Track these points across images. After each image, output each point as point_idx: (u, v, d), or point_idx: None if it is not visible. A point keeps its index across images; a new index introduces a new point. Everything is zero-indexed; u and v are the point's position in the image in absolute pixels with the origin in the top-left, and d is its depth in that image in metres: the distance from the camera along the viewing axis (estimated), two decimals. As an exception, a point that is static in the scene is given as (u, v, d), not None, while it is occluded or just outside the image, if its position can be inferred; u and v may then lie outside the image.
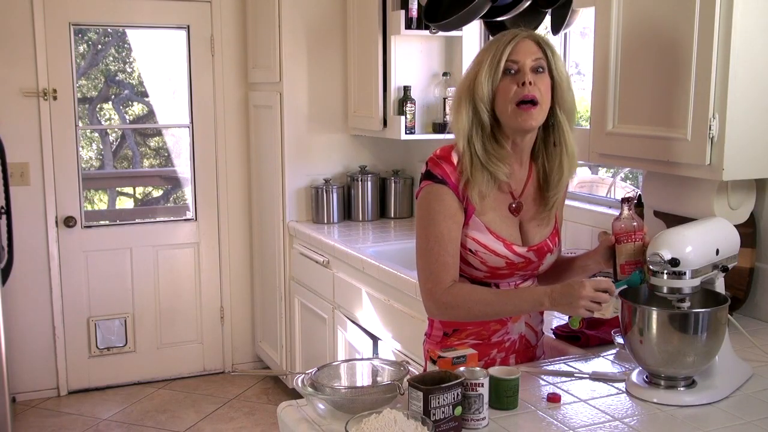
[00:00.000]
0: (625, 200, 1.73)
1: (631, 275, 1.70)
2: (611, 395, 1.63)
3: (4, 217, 3.57)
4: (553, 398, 1.58)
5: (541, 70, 1.70)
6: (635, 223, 1.70)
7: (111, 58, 4.62)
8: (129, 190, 5.32)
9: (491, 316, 1.78)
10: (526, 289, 1.74)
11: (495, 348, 1.85)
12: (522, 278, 1.85)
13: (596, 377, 1.72)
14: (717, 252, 1.62)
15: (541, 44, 1.71)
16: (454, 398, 1.39)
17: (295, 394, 3.73)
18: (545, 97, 1.70)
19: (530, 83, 1.67)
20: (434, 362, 1.52)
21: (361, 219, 4.00)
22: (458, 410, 1.40)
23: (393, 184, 4.04)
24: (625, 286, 1.69)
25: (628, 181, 3.27)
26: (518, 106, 1.68)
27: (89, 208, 4.83)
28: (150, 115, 4.72)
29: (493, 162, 1.73)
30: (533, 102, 1.68)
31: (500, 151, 1.74)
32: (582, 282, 1.62)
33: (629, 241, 1.70)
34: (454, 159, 1.75)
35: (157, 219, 4.56)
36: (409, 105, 3.53)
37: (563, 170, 1.78)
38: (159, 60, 4.49)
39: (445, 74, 3.62)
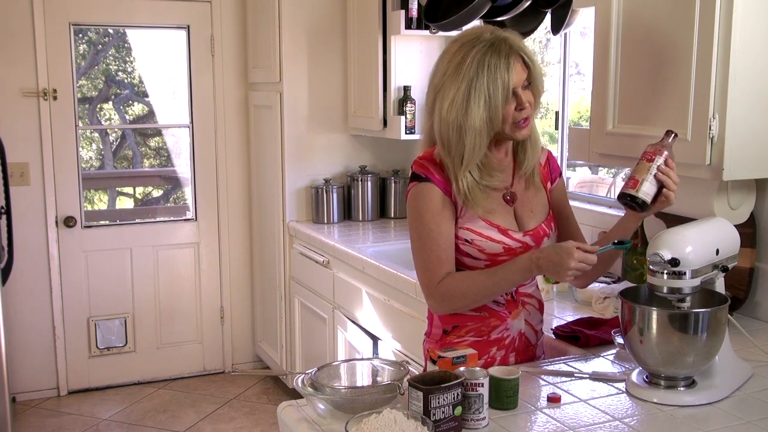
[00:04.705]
0: (667, 131, 1.74)
1: (613, 243, 1.72)
2: (611, 395, 1.63)
3: (4, 217, 3.57)
4: (553, 398, 1.58)
5: (527, 84, 1.76)
6: (654, 146, 1.71)
7: (111, 58, 4.62)
8: (129, 190, 5.32)
9: (490, 297, 1.81)
10: (512, 262, 1.76)
11: (494, 345, 1.85)
12: None
13: (596, 377, 1.72)
14: (717, 252, 1.63)
15: (525, 60, 1.75)
16: (454, 398, 1.39)
17: (295, 394, 3.73)
18: (535, 106, 1.79)
19: (528, 105, 1.76)
20: (434, 362, 1.52)
21: (361, 219, 4.00)
22: (458, 410, 1.40)
23: (393, 184, 4.04)
24: (614, 248, 1.72)
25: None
26: (516, 124, 1.76)
27: (89, 208, 4.83)
28: (150, 115, 4.72)
29: (490, 175, 1.80)
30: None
31: (493, 162, 1.82)
32: (569, 251, 1.65)
33: (642, 159, 1.71)
34: (437, 158, 1.81)
35: (157, 219, 4.56)
36: (409, 105, 3.54)
37: (526, 152, 1.86)
38: (159, 60, 4.49)
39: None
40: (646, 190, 1.69)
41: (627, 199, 1.71)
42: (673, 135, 1.73)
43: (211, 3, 4.28)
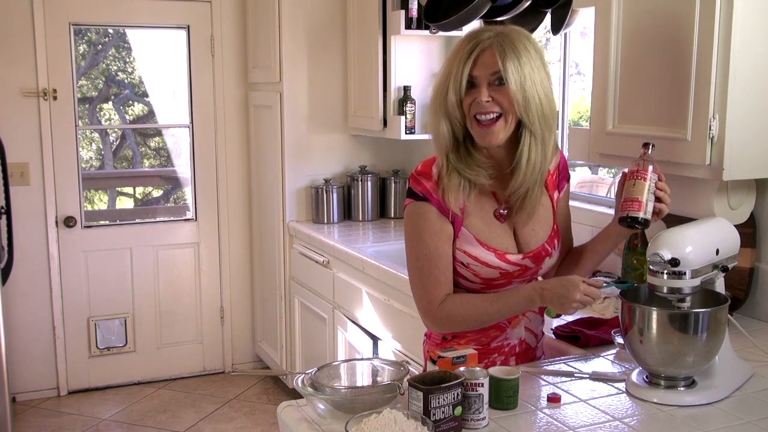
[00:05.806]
0: (644, 144, 1.72)
1: (614, 283, 1.71)
2: (611, 395, 1.63)
3: (4, 217, 3.57)
4: (553, 399, 1.58)
5: (498, 82, 1.63)
6: (641, 163, 1.69)
7: (111, 58, 4.62)
8: (129, 190, 5.32)
9: (489, 322, 1.78)
10: (516, 290, 1.72)
11: (495, 352, 1.84)
12: None
13: (596, 377, 1.72)
14: (717, 252, 1.62)
15: (503, 54, 1.61)
16: (454, 398, 1.39)
17: (295, 394, 3.73)
18: (507, 109, 1.64)
19: (487, 101, 1.63)
20: (434, 362, 1.52)
21: (361, 219, 4.00)
22: (458, 410, 1.40)
23: (393, 184, 4.04)
24: (615, 287, 1.70)
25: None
26: (478, 123, 1.66)
27: (89, 208, 4.83)
28: (150, 115, 4.73)
29: (472, 169, 1.71)
30: (498, 116, 1.65)
31: (477, 157, 1.72)
32: (575, 284, 1.62)
33: (631, 179, 1.69)
34: (434, 173, 1.74)
35: (157, 219, 4.56)
36: (409, 105, 3.54)
37: (516, 173, 1.71)
38: (159, 60, 4.49)
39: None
40: (650, 209, 1.68)
41: (629, 221, 1.69)
42: (651, 146, 1.72)
43: (211, 3, 4.28)
